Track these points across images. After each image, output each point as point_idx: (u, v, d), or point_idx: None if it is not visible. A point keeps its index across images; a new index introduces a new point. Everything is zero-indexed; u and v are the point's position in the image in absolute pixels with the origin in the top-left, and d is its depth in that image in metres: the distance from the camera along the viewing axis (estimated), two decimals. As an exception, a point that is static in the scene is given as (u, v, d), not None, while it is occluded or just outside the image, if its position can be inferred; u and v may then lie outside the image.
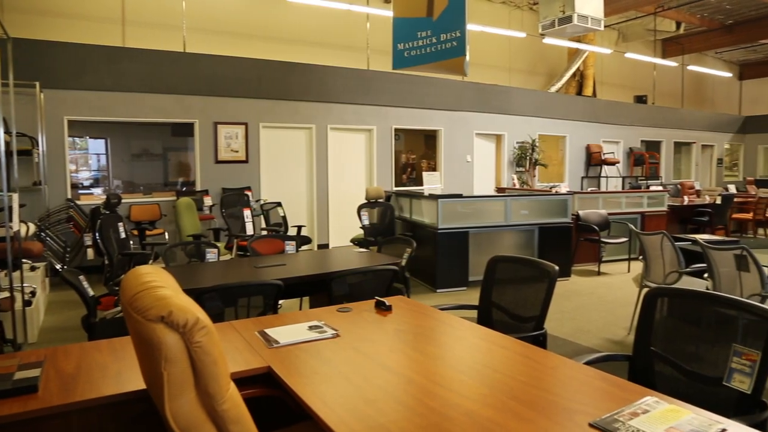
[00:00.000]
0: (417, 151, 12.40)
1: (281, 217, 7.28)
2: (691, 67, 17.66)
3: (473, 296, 2.85)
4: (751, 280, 3.55)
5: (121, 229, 5.39)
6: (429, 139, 11.35)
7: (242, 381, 1.82)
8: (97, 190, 10.28)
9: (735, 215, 11.19)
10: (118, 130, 10.47)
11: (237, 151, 8.61)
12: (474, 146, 11.58)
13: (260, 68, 8.82)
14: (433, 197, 6.47)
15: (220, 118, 8.49)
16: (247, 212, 6.66)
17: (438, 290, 6.25)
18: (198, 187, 8.37)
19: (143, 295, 1.32)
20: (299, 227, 7.08)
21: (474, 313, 2.84)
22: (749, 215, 11.17)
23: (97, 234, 4.92)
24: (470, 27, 9.73)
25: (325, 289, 3.43)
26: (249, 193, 7.84)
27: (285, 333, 2.22)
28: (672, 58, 17.06)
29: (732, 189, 12.78)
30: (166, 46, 8.59)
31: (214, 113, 8.43)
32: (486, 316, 2.77)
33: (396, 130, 10.43)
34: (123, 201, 6.72)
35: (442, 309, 2.64)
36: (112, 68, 7.63)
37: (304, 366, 1.88)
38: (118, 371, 1.88)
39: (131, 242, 5.78)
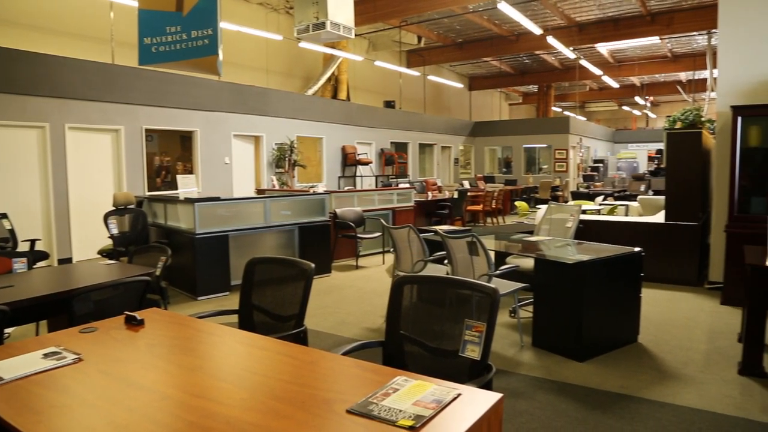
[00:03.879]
0: (172, 153, 11.69)
1: (7, 230, 6.23)
2: (430, 77, 19.75)
3: (236, 300, 2.79)
4: (480, 263, 4.09)
5: None
6: (185, 140, 10.79)
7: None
8: None
9: (469, 207, 12.83)
10: None
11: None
12: (232, 148, 11.37)
13: (-30, 55, 7.45)
14: (190, 201, 6.18)
15: None
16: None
17: (199, 298, 5.99)
18: None
19: None
20: (32, 241, 6.16)
21: (235, 318, 2.78)
22: (480, 207, 12.91)
23: None
24: (225, 26, 9.53)
25: (65, 310, 3.04)
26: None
27: (12, 366, 1.90)
28: (415, 68, 18.88)
29: (466, 185, 14.64)
30: None
31: None
32: (247, 320, 2.73)
33: (148, 130, 9.71)
34: None
35: (201, 317, 2.54)
36: None
37: (37, 401, 1.64)
38: None
39: None
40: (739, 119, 5.46)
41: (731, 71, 6.01)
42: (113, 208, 6.41)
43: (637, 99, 26.31)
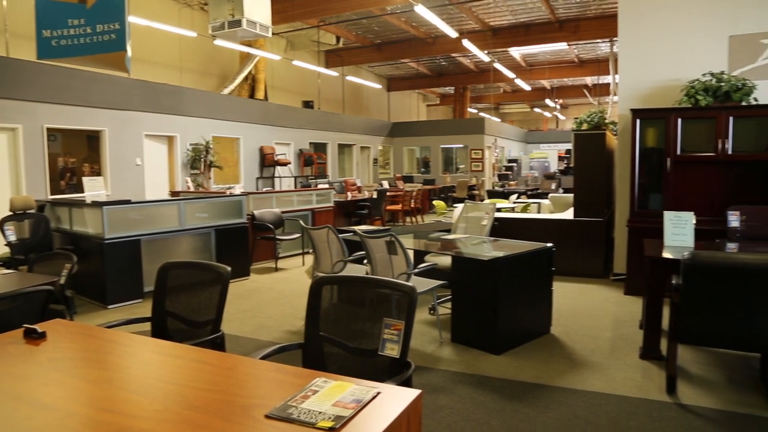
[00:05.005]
0: (78, 154, 11.04)
1: None
2: (349, 78, 19.77)
3: (150, 308, 2.68)
4: (399, 262, 4.14)
5: None
6: (93, 140, 10.22)
7: None
8: None
9: (388, 207, 12.96)
10: None
11: None
12: (144, 148, 10.89)
13: None
14: (97, 204, 5.86)
15: None
16: None
17: (110, 306, 5.70)
18: None
19: None
20: None
21: (148, 326, 2.67)
22: (399, 206, 13.06)
23: None
24: (134, 20, 9.11)
25: (-46, 325, 2.79)
26: None
27: None
28: (334, 69, 18.84)
29: (385, 185, 14.78)
30: None
31: None
32: (161, 327, 2.63)
33: (50, 129, 9.12)
34: None
35: (110, 326, 2.41)
36: None
37: None
38: None
39: None
40: (638, 121, 5.84)
41: (631, 76, 6.42)
42: (10, 214, 5.98)
43: (548, 101, 27.55)
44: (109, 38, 5.68)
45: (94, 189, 6.75)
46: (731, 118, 5.48)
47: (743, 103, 5.60)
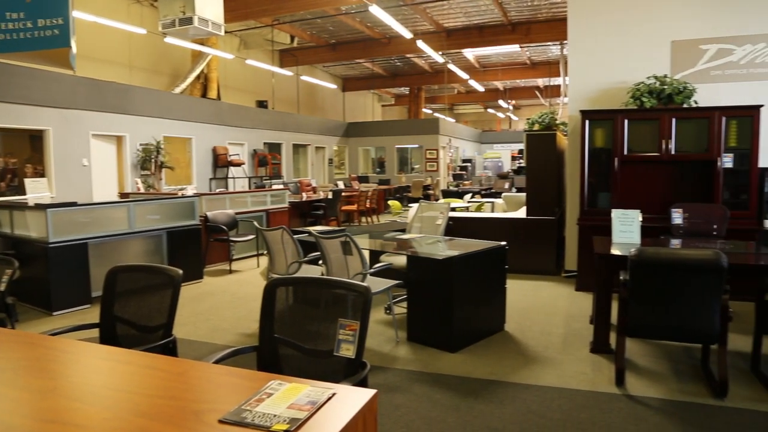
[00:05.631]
0: (20, 154, 10.59)
1: None
2: (304, 78, 19.63)
3: (98, 313, 2.59)
4: (354, 262, 4.14)
5: None
6: (35, 140, 9.82)
7: None
8: None
9: (344, 207, 12.93)
10: None
11: None
12: (91, 148, 10.54)
13: None
14: (41, 207, 5.64)
15: None
16: None
17: (55, 313, 5.49)
18: None
19: None
20: None
21: (96, 332, 2.58)
22: (354, 207, 13.06)
23: None
24: (79, 15, 8.81)
25: None
26: None
27: None
28: (288, 68, 18.67)
29: (341, 185, 14.75)
30: None
31: None
32: (110, 333, 2.55)
33: (-13, 129, 8.74)
34: None
35: (54, 334, 2.32)
36: None
37: None
38: None
39: None
40: (587, 122, 6.00)
41: (580, 79, 6.59)
42: (-54, 217, 5.69)
43: (501, 102, 28.03)
44: (52, 33, 5.45)
45: (37, 191, 6.49)
46: (674, 120, 5.71)
47: (685, 106, 5.83)
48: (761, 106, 5.50)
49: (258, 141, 15.95)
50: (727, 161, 5.64)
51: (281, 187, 11.34)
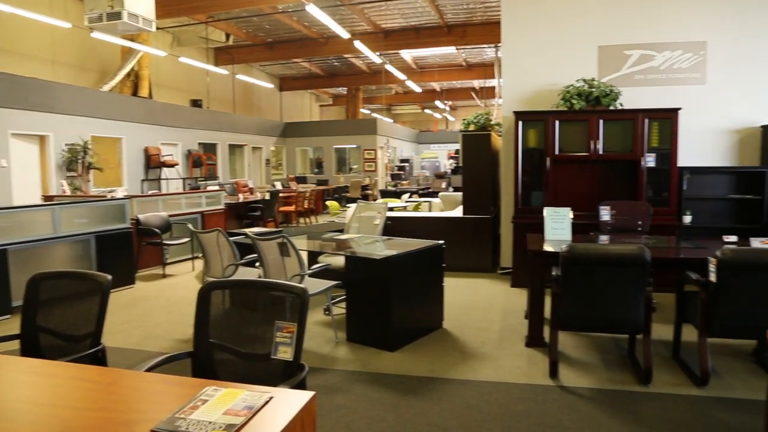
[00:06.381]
0: (-70, 154, 9.90)
1: None
2: (239, 77, 19.25)
3: (18, 324, 2.45)
4: (292, 263, 4.10)
5: None
6: (-53, 140, 9.21)
7: None
8: None
9: (282, 208, 12.79)
10: None
11: None
12: (11, 149, 9.96)
13: None
14: (-44, 211, 5.29)
15: None
16: None
17: (-27, 323, 5.16)
18: None
19: None
20: None
21: (17, 344, 2.44)
22: (292, 207, 12.93)
23: None
24: (-7, 9, 8.30)
25: None
26: None
27: None
28: (224, 67, 18.26)
29: (278, 186, 14.57)
30: None
31: None
32: (32, 344, 2.41)
33: None
34: None
35: (-30, 346, 2.18)
36: None
37: None
38: None
39: None
40: (520, 123, 6.18)
41: (513, 81, 6.78)
42: None
43: (438, 103, 28.43)
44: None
45: (-50, 194, 6.08)
46: (601, 121, 5.96)
47: (611, 108, 6.10)
48: (679, 108, 5.84)
49: (192, 141, 15.53)
50: (650, 161, 5.95)
51: (217, 188, 11.10)
